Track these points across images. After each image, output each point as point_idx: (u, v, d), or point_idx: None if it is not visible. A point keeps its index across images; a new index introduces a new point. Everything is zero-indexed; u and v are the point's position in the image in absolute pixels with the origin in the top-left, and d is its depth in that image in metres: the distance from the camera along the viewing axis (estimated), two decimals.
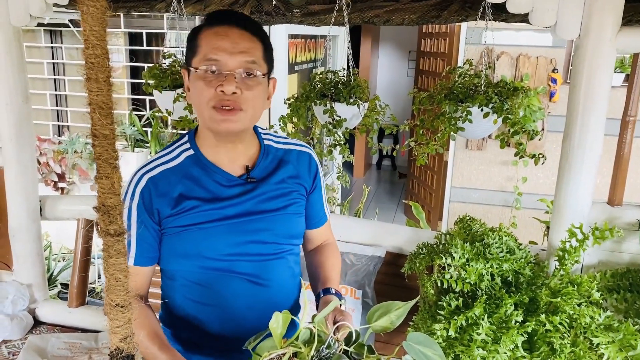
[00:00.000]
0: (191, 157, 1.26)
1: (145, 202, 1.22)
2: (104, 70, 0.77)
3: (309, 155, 1.40)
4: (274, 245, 1.29)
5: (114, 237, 0.84)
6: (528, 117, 4.95)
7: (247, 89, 1.16)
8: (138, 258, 1.24)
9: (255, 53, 1.17)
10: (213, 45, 1.14)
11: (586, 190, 1.67)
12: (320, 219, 1.47)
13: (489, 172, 4.89)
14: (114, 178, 0.82)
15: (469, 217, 1.82)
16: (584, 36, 1.57)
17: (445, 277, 1.52)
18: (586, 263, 1.77)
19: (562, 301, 1.37)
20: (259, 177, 1.29)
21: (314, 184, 1.40)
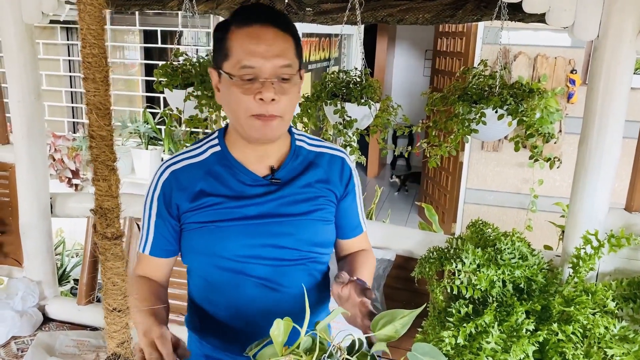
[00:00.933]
0: (217, 153, 1.23)
1: (165, 195, 1.21)
2: (102, 70, 0.75)
3: (342, 160, 1.32)
4: (294, 251, 1.22)
5: (111, 241, 0.83)
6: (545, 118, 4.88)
7: (283, 93, 1.12)
8: (153, 249, 1.24)
9: (289, 54, 1.13)
10: (246, 49, 1.09)
11: (603, 195, 1.62)
12: (354, 229, 1.36)
13: (504, 173, 4.82)
14: (112, 180, 0.80)
15: (482, 221, 1.78)
16: (603, 37, 1.53)
17: (455, 283, 1.48)
18: (602, 270, 1.72)
19: (575, 310, 1.33)
20: (284, 178, 1.24)
21: (345, 191, 1.31)
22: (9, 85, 2.03)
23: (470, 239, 1.74)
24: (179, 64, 2.17)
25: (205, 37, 4.07)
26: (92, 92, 0.75)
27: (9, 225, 2.24)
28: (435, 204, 5.55)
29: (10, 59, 2.00)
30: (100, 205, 0.81)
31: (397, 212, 6.05)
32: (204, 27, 3.93)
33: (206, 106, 2.06)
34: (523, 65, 4.37)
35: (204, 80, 2.08)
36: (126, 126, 3.94)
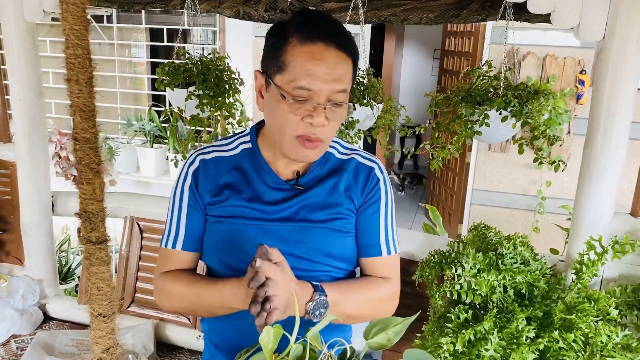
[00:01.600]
0: (248, 150, 1.21)
1: (195, 184, 1.18)
2: (85, 71, 0.73)
3: (371, 169, 1.22)
4: (306, 261, 1.15)
5: (95, 245, 0.81)
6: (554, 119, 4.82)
7: (333, 119, 1.08)
8: (186, 242, 1.18)
9: (346, 78, 1.07)
10: (307, 70, 1.03)
11: (608, 200, 1.59)
12: (369, 247, 1.22)
13: (512, 174, 4.78)
14: (96, 184, 0.79)
15: (484, 225, 1.76)
16: (609, 38, 1.49)
17: (454, 288, 1.46)
18: (606, 276, 1.69)
19: (577, 318, 1.30)
20: (307, 184, 1.18)
21: (365, 201, 1.20)
22: (10, 84, 2.03)
23: (472, 243, 1.71)
24: (181, 63, 2.15)
25: (212, 35, 4.06)
26: (75, 94, 0.74)
27: (11, 224, 2.24)
28: (441, 204, 5.52)
29: (11, 57, 2.00)
30: (84, 209, 0.80)
31: (403, 213, 6.02)
32: (209, 26, 3.92)
33: (207, 105, 2.04)
34: (532, 66, 4.32)
35: (206, 80, 2.06)
36: (131, 124, 3.94)
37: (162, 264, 1.21)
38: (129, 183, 4.09)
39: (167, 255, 1.20)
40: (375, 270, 1.25)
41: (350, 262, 1.24)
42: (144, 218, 2.15)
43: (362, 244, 1.23)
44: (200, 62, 2.13)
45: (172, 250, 1.19)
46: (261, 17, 2.22)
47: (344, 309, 1.14)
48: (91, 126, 0.72)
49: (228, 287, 1.08)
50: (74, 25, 0.70)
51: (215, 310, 1.14)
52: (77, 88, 0.71)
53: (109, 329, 0.85)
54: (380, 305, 1.25)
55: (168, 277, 1.18)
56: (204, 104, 2.02)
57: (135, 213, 2.15)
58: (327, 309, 1.08)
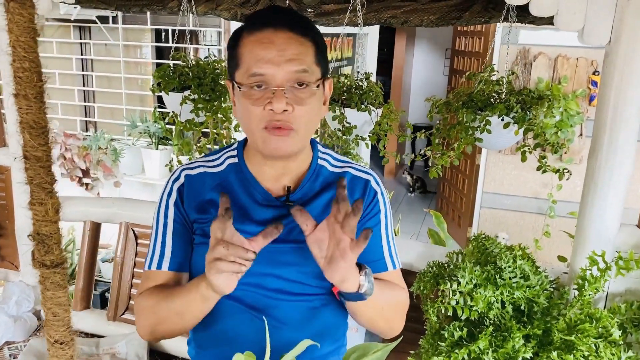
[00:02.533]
0: (234, 165, 1.14)
1: (181, 200, 1.12)
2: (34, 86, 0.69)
3: (366, 182, 1.15)
4: (296, 284, 1.08)
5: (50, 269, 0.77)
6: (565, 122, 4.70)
7: (299, 103, 1.00)
8: (173, 262, 1.10)
9: (306, 59, 1.01)
10: (256, 56, 0.99)
11: (613, 211, 1.52)
12: (375, 263, 1.14)
13: (522, 177, 4.68)
14: (49, 205, 0.74)
15: (484, 236, 1.69)
16: (615, 42, 1.42)
17: (450, 303, 1.40)
18: (612, 290, 1.62)
19: (577, 339, 1.23)
20: (299, 201, 1.11)
21: (363, 215, 1.12)
22: (4, 87, 2.01)
23: (471, 255, 1.65)
24: (177, 67, 2.11)
25: (217, 36, 4.03)
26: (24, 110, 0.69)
27: (6, 229, 2.22)
28: (451, 207, 5.44)
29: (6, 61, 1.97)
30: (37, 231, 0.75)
31: (412, 215, 5.95)
32: (214, 26, 3.88)
33: (203, 110, 2.00)
34: (543, 66, 4.23)
35: (201, 84, 2.02)
36: (136, 126, 3.92)
37: (146, 287, 1.12)
38: (134, 185, 4.07)
39: (153, 278, 1.12)
40: None
41: None
42: (139, 224, 2.12)
43: (366, 260, 1.11)
44: (196, 65, 2.09)
45: (158, 272, 1.11)
46: None
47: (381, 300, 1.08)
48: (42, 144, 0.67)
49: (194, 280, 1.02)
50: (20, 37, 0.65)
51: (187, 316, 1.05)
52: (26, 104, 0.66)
53: (67, 355, 0.81)
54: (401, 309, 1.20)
55: (146, 293, 1.11)
56: (199, 109, 1.98)
57: (130, 219, 2.12)
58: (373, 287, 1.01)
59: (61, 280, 0.77)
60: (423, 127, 7.62)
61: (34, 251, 0.76)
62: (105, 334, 2.12)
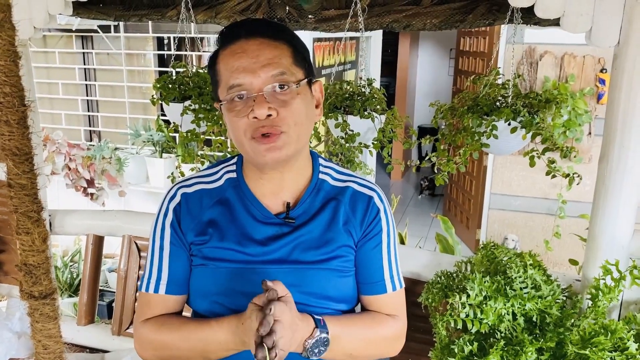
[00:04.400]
0: (232, 180, 1.11)
1: (177, 220, 1.08)
2: (16, 112, 0.66)
3: (369, 199, 1.11)
4: (300, 305, 1.03)
5: (38, 300, 0.74)
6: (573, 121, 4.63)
7: (282, 105, 0.98)
8: (171, 285, 1.07)
9: (282, 61, 0.99)
10: (231, 67, 0.98)
11: (626, 218, 1.47)
12: (373, 285, 1.12)
13: (531, 178, 4.62)
14: (35, 234, 0.71)
15: (493, 244, 1.65)
16: (624, 44, 1.38)
17: (459, 316, 1.36)
18: (626, 298, 1.57)
19: (591, 353, 1.19)
20: (300, 218, 1.08)
21: (365, 234, 1.10)
22: None
23: (480, 264, 1.61)
24: (177, 76, 2.09)
25: None
26: (6, 136, 0.65)
27: (8, 244, 2.20)
28: (459, 209, 5.38)
29: None
30: (24, 262, 0.72)
31: (421, 218, 5.90)
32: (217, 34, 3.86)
33: (204, 120, 1.97)
34: (549, 65, 4.17)
35: (202, 93, 2.00)
36: (139, 135, 3.90)
37: (144, 310, 1.09)
38: (139, 194, 4.05)
39: (149, 301, 1.09)
40: (380, 309, 1.16)
41: (350, 302, 1.14)
42: (142, 237, 2.09)
43: (364, 281, 1.13)
44: (196, 75, 2.06)
45: (154, 295, 1.08)
46: None
47: (347, 347, 1.05)
48: (26, 171, 0.64)
49: (225, 327, 0.99)
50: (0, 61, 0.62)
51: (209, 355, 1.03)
52: (8, 130, 0.63)
53: None
54: (385, 344, 1.16)
55: (151, 324, 1.07)
56: (199, 119, 1.95)
57: (132, 232, 2.09)
58: (327, 347, 0.99)
59: (51, 312, 0.73)
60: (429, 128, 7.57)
61: (21, 282, 0.73)
62: (110, 348, 2.09)
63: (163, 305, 1.09)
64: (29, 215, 0.66)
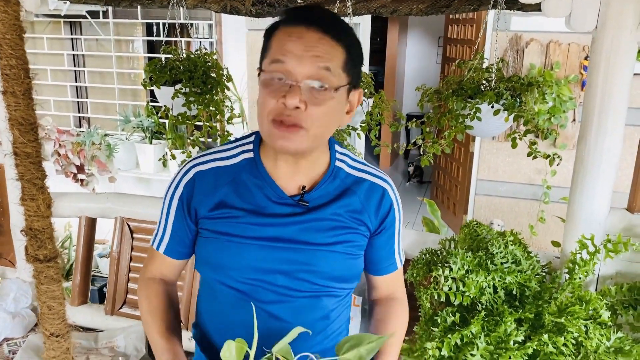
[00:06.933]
0: (249, 160, 1.13)
1: (187, 196, 1.12)
2: (21, 83, 0.69)
3: (383, 190, 1.16)
4: (306, 283, 1.09)
5: (43, 263, 0.78)
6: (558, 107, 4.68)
7: (314, 103, 0.98)
8: (169, 248, 1.17)
9: (332, 60, 0.98)
10: (283, 46, 0.98)
11: (603, 196, 1.54)
12: (386, 267, 1.21)
13: (517, 164, 4.69)
14: (40, 200, 0.76)
15: (476, 222, 1.71)
16: (601, 28, 1.43)
17: (442, 289, 1.42)
18: (603, 273, 1.64)
19: (567, 321, 1.25)
20: (314, 202, 1.10)
21: (381, 226, 1.16)
22: None
23: (463, 241, 1.67)
24: (168, 60, 2.11)
25: (208, 28, 4.02)
26: (12, 107, 0.69)
27: (2, 226, 2.22)
28: (446, 195, 5.46)
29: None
30: (30, 226, 0.76)
31: (408, 205, 5.97)
32: (205, 19, 3.87)
33: (194, 103, 2.00)
34: (535, 53, 4.23)
35: (192, 77, 2.02)
36: (129, 121, 3.91)
37: (148, 262, 1.22)
38: (129, 180, 4.07)
39: (153, 255, 1.20)
40: (389, 285, 1.23)
41: (354, 281, 1.18)
42: (135, 219, 2.13)
43: (378, 264, 1.20)
44: (187, 59, 2.09)
45: (157, 252, 1.18)
46: (249, 11, 2.17)
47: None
48: (32, 140, 0.68)
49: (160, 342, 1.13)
50: (6, 34, 0.66)
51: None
52: (14, 101, 0.67)
53: (63, 348, 0.82)
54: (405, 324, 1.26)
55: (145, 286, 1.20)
56: (190, 102, 1.98)
57: (125, 214, 2.12)
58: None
59: (55, 274, 0.78)
60: (417, 116, 7.62)
61: (27, 246, 0.77)
62: (103, 328, 2.13)
63: (161, 263, 1.19)
64: (34, 182, 0.71)
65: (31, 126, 0.68)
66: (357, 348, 0.89)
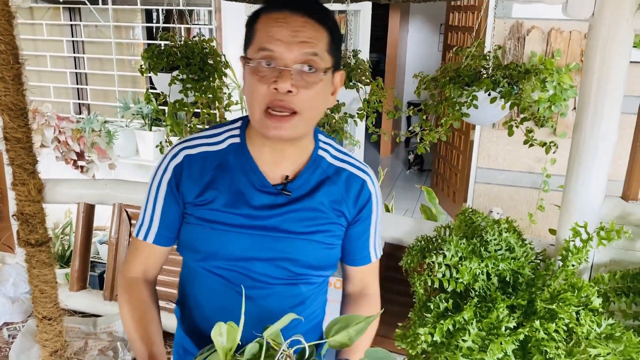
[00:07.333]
0: (235, 145, 1.14)
1: (176, 180, 1.13)
2: (11, 68, 0.70)
3: (363, 182, 1.17)
4: (286, 271, 1.13)
5: (35, 247, 0.79)
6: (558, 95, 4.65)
7: (305, 86, 1.00)
8: (158, 236, 1.15)
9: (318, 44, 1.01)
10: (268, 32, 1.00)
11: (598, 184, 1.54)
12: (361, 258, 1.23)
13: (516, 152, 4.69)
14: (31, 185, 0.76)
15: (471, 210, 1.71)
16: (598, 15, 1.43)
17: (436, 276, 1.42)
18: (597, 261, 1.65)
19: (558, 308, 1.26)
20: (296, 192, 1.13)
21: (358, 216, 1.18)
22: None
23: (458, 229, 1.68)
24: (165, 47, 2.11)
25: (208, 15, 4.00)
26: (2, 92, 0.70)
27: (1, 212, 2.24)
28: (446, 183, 5.46)
29: None
30: (21, 211, 0.77)
31: (409, 193, 5.97)
32: (204, 5, 3.85)
33: (192, 90, 2.00)
34: (536, 40, 4.21)
35: (189, 64, 2.02)
36: (129, 107, 3.91)
37: (132, 254, 1.18)
38: (129, 167, 4.07)
39: (138, 246, 1.17)
40: (363, 278, 1.25)
41: (330, 269, 1.21)
42: (133, 205, 2.14)
43: (353, 255, 1.22)
44: (184, 45, 2.08)
45: (143, 242, 1.15)
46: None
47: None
48: (22, 125, 0.69)
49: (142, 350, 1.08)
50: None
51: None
52: (3, 86, 0.67)
53: (55, 331, 0.83)
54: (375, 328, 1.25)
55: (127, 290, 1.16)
56: (187, 89, 1.98)
57: (123, 200, 2.13)
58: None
59: (47, 258, 0.79)
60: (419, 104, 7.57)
61: (18, 230, 0.78)
62: (102, 313, 2.15)
63: (149, 253, 1.16)
64: (24, 167, 0.71)
65: (21, 111, 0.68)
66: (346, 329, 0.90)
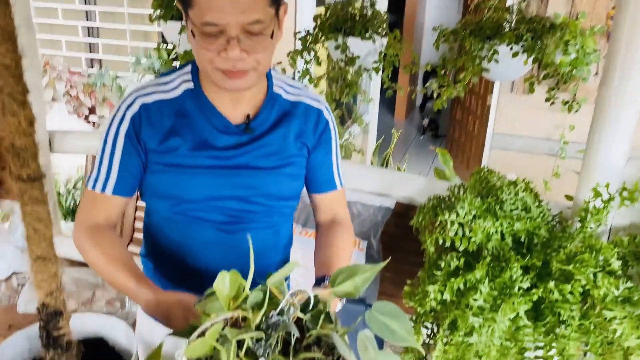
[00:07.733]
0: (190, 91, 1.13)
1: (135, 130, 1.11)
2: None
3: (319, 112, 1.23)
4: (256, 205, 1.18)
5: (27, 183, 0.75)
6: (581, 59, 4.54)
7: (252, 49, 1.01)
8: (117, 187, 1.12)
9: (258, 8, 0.99)
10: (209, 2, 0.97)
11: (622, 144, 1.47)
12: (326, 183, 1.28)
13: (535, 117, 4.57)
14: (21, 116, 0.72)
15: (487, 169, 1.65)
16: None
17: (448, 234, 1.38)
18: (616, 224, 1.59)
19: (575, 269, 1.22)
20: (258, 129, 1.16)
21: (318, 142, 1.23)
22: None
23: (472, 188, 1.62)
24: None
25: None
26: None
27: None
28: (461, 149, 5.38)
29: None
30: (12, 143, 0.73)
31: (422, 157, 5.90)
32: None
33: None
34: (560, 1, 4.05)
35: None
36: (140, 62, 3.86)
37: (88, 207, 1.14)
38: None
39: (95, 199, 1.13)
40: (332, 206, 1.30)
41: (296, 199, 1.28)
42: None
43: (318, 180, 1.27)
44: None
45: (100, 194, 1.12)
46: None
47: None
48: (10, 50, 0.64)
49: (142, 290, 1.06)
50: None
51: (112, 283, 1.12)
52: None
53: (50, 272, 0.80)
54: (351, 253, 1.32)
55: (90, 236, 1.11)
56: None
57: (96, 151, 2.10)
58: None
59: (40, 195, 0.75)
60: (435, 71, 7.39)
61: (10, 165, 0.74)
62: None
63: (108, 205, 1.13)
64: (14, 97, 0.66)
65: (9, 35, 0.63)
66: (352, 278, 0.86)
